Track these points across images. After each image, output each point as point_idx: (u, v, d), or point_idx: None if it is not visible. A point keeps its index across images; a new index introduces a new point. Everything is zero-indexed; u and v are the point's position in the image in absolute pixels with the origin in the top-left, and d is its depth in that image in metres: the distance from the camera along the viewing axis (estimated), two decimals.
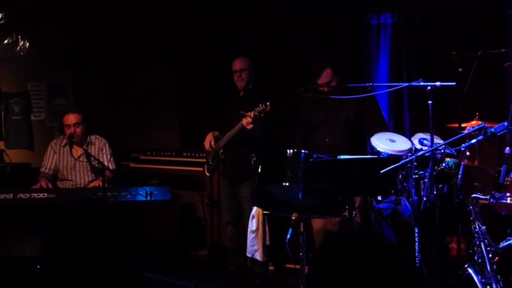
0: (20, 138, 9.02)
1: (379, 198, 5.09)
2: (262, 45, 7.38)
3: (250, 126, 5.67)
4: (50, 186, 6.14)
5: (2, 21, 8.97)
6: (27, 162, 8.43)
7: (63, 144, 6.42)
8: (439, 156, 4.79)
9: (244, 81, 6.20)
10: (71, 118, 6.27)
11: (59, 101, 8.80)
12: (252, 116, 5.61)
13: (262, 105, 5.56)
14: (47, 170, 6.39)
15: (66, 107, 8.11)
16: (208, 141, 6.31)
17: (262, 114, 5.58)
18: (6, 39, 8.95)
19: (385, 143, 4.98)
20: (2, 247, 5.62)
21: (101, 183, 6.08)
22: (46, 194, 5.85)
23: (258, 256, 5.88)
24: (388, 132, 5.43)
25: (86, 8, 8.18)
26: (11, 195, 5.80)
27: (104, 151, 6.41)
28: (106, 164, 6.15)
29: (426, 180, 4.54)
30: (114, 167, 6.37)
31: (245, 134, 5.83)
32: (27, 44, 8.88)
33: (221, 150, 6.20)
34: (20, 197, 5.79)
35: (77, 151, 6.37)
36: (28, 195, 5.81)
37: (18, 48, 8.92)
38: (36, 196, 5.81)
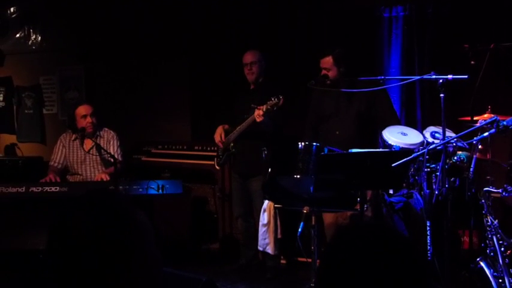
0: (32, 132, 9.07)
1: (391, 191, 5.08)
2: (274, 37, 7.37)
3: (260, 119, 5.65)
4: (58, 179, 6.14)
5: (14, 15, 9.00)
6: (39, 156, 8.47)
7: (72, 138, 6.43)
8: (451, 149, 4.78)
9: (254, 74, 6.19)
10: (87, 108, 6.29)
11: (71, 94, 8.83)
12: (264, 110, 5.60)
13: (274, 99, 5.54)
14: (56, 164, 6.41)
15: (78, 101, 8.13)
16: (219, 134, 6.30)
17: (275, 108, 5.57)
18: (18, 33, 8.99)
19: (397, 136, 4.97)
20: (14, 240, 5.65)
21: (105, 175, 6.12)
22: (58, 188, 5.87)
23: (270, 249, 5.89)
24: (399, 125, 5.41)
25: (98, 1, 8.20)
26: (24, 188, 5.82)
27: (112, 143, 6.40)
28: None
29: (438, 173, 4.53)
30: (120, 159, 6.34)
31: (255, 127, 5.82)
32: (39, 38, 8.92)
33: (231, 144, 6.20)
34: (32, 191, 5.81)
35: (87, 145, 6.38)
36: (40, 188, 5.83)
37: (31, 42, 8.95)
38: (48, 190, 5.83)
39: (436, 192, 4.52)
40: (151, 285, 1.66)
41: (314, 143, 4.65)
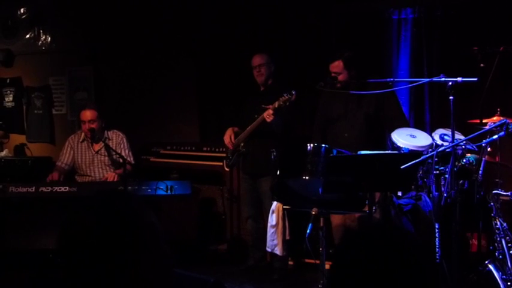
0: (41, 132, 9.09)
1: (400, 193, 5.08)
2: (283, 39, 7.37)
3: (270, 118, 5.68)
4: (62, 179, 6.14)
5: (24, 16, 9.03)
6: (49, 156, 8.49)
7: (81, 139, 6.45)
8: (460, 152, 4.77)
9: (263, 76, 6.22)
10: (87, 114, 6.28)
11: (80, 95, 8.85)
12: (276, 106, 5.63)
13: (287, 95, 5.58)
14: (62, 165, 6.43)
15: (87, 101, 8.15)
16: (228, 135, 6.32)
17: (287, 103, 5.59)
18: (28, 34, 9.02)
19: (406, 138, 4.97)
20: (24, 240, 5.67)
21: (115, 175, 6.13)
22: (68, 188, 5.89)
23: (278, 251, 5.89)
24: (408, 127, 5.41)
25: (107, 2, 8.22)
26: (33, 188, 5.85)
27: (122, 146, 6.42)
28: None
29: (447, 176, 4.52)
30: (133, 162, 6.36)
31: (265, 127, 5.85)
32: (49, 39, 8.94)
33: (242, 144, 6.22)
34: (42, 191, 5.83)
35: (95, 146, 6.41)
36: (50, 188, 5.85)
37: (40, 42, 8.98)
38: (58, 190, 5.85)
39: (445, 195, 4.52)
40: (162, 285, 1.67)
41: (323, 145, 4.66)
